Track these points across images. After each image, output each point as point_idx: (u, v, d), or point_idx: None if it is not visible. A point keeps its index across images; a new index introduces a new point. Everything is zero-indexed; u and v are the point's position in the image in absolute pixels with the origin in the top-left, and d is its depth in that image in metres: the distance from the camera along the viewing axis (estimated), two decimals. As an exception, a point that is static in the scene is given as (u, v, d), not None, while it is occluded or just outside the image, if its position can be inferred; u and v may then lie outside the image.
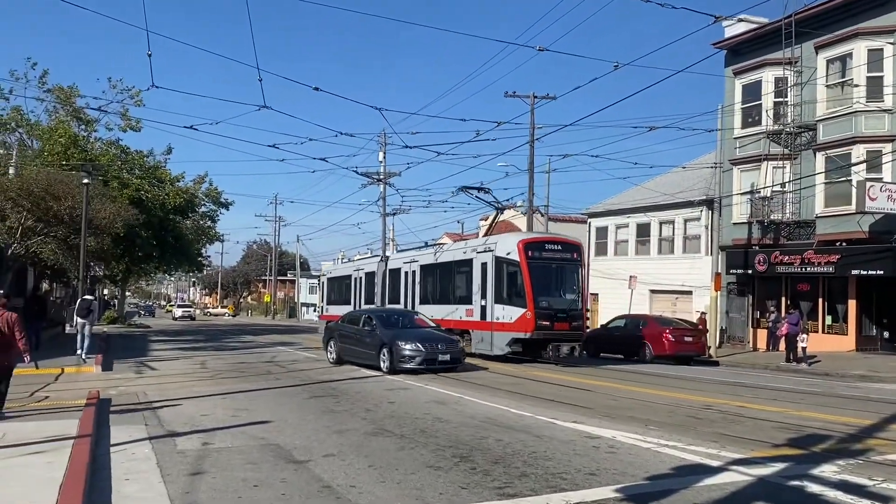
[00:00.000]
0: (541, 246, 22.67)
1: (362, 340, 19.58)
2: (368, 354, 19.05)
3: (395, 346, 17.95)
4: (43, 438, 8.70)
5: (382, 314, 21.14)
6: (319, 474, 7.45)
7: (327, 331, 22.27)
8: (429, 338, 18.72)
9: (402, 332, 18.87)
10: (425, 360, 17.87)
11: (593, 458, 8.30)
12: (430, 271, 27.62)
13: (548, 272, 22.55)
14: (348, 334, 20.59)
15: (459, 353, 18.91)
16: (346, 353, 20.42)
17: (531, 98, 36.25)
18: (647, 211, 37.50)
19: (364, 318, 20.61)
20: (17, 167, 25.64)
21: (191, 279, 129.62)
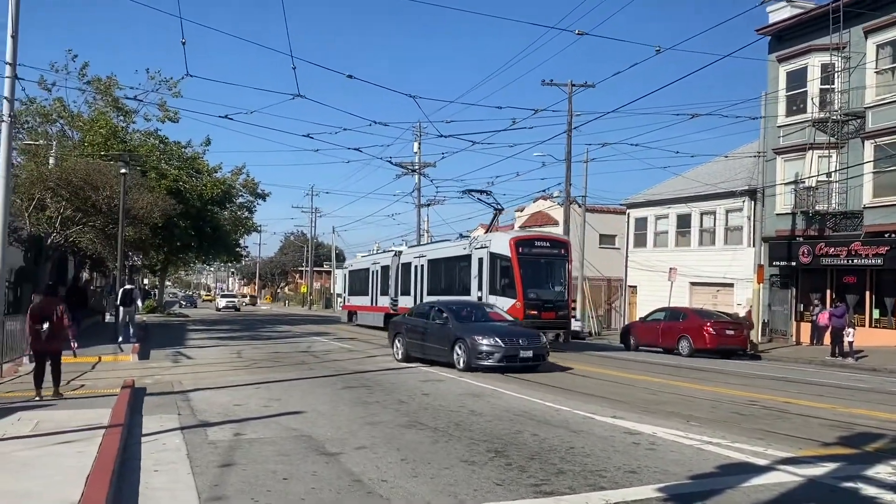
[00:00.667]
0: (531, 243, 24.90)
1: (432, 335, 17.86)
2: (439, 350, 17.39)
3: (471, 342, 16.26)
4: (75, 427, 8.67)
5: (454, 306, 19.32)
6: (350, 467, 7.27)
7: (393, 325, 20.33)
8: (508, 332, 16.89)
9: (477, 326, 17.26)
10: (505, 356, 16.04)
11: (633, 455, 8.00)
12: (436, 266, 30.01)
13: (537, 267, 24.54)
14: (416, 329, 18.69)
15: (543, 349, 16.90)
16: (415, 350, 18.52)
17: (569, 86, 35.76)
18: (688, 201, 36.75)
19: (434, 310, 18.77)
20: (57, 158, 25.91)
21: (229, 269, 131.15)
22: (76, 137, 30.30)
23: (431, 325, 18.11)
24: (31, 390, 12.35)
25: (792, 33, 30.46)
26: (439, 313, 18.18)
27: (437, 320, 18.02)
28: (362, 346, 25.06)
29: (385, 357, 20.21)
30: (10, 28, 14.52)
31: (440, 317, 17.97)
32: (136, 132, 35.81)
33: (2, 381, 14.26)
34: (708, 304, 33.79)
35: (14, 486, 5.96)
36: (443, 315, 17.92)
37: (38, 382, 11.78)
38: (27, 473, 6.39)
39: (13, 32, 14.55)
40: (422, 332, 18.33)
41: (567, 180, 36.38)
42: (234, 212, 49.12)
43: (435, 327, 17.89)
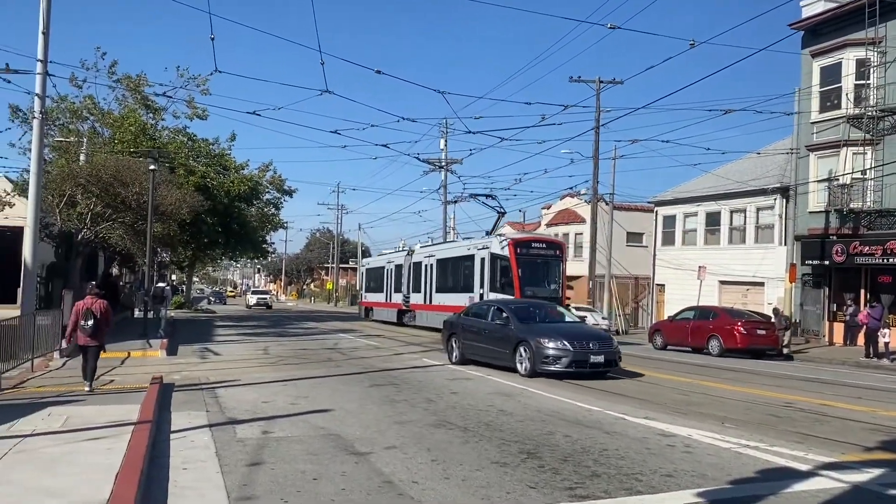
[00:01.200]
0: (528, 244, 26.94)
1: (492, 337, 16.51)
2: (500, 354, 16.03)
3: (536, 345, 14.85)
4: (104, 423, 8.64)
5: (516, 305, 18.01)
6: (380, 468, 7.15)
7: (447, 326, 18.80)
8: (577, 334, 15.52)
9: (541, 327, 15.89)
10: (574, 361, 14.62)
11: (669, 458, 7.79)
12: (443, 265, 31.94)
13: (533, 266, 26.45)
14: (473, 329, 17.33)
15: (615, 354, 15.41)
16: (471, 352, 17.20)
17: (597, 83, 35.43)
18: (718, 199, 36.23)
19: (493, 309, 17.37)
20: (87, 155, 26.14)
21: (255, 266, 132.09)
22: (106, 134, 30.55)
23: (490, 326, 16.78)
24: (62, 385, 12.48)
25: (826, 28, 29.86)
26: (499, 313, 16.87)
27: (496, 320, 16.69)
28: (389, 343, 25.00)
29: (412, 355, 20.15)
30: (42, 24, 14.59)
31: (500, 316, 16.63)
32: (165, 129, 36.08)
33: (32, 375, 14.35)
34: (738, 303, 33.31)
35: (42, 483, 5.92)
36: (503, 315, 16.56)
37: (84, 373, 12.45)
38: (56, 470, 6.35)
39: (44, 29, 14.63)
40: (480, 333, 16.99)
41: (594, 178, 36.06)
42: (260, 208, 49.36)
43: (494, 328, 16.56)
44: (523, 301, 20.63)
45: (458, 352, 17.65)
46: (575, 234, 48.08)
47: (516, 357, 15.37)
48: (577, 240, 47.66)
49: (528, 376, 14.76)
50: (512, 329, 15.88)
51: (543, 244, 27.62)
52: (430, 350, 21.86)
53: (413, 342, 25.24)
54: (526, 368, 15.03)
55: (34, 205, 17.69)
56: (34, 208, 17.69)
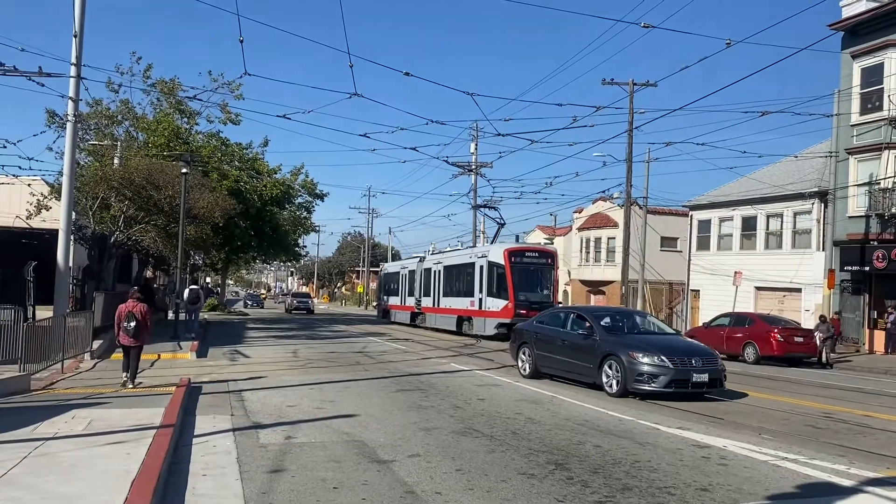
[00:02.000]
0: (521, 253, 29.24)
1: (572, 348, 14.68)
2: (582, 368, 14.22)
3: (628, 360, 12.98)
4: (127, 427, 8.58)
5: (601, 313, 15.91)
6: (403, 477, 6.96)
7: (517, 334, 17.11)
8: (676, 348, 13.49)
9: (633, 339, 13.98)
10: (673, 380, 12.66)
11: (703, 471, 7.49)
12: (449, 271, 34.25)
13: (527, 273, 28.82)
14: (549, 339, 15.53)
15: (720, 372, 13.31)
16: (546, 364, 15.44)
17: (630, 85, 34.94)
18: (754, 203, 35.50)
19: (573, 317, 15.55)
20: (122, 158, 26.40)
21: (288, 269, 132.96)
22: (141, 138, 30.87)
23: (570, 336, 14.94)
24: (91, 387, 12.53)
25: (867, 28, 29.12)
26: (580, 321, 15.06)
27: (577, 329, 14.87)
28: (417, 347, 24.83)
29: (440, 359, 19.94)
30: (75, 26, 14.69)
31: (582, 326, 14.83)
32: (199, 134, 36.36)
33: (63, 376, 14.42)
34: (774, 309, 32.62)
35: (57, 489, 5.82)
36: (585, 324, 14.75)
37: (125, 368, 13.38)
38: (73, 476, 6.25)
39: (76, 31, 14.72)
40: (557, 343, 15.17)
41: (628, 181, 35.55)
42: (292, 212, 49.58)
43: (575, 339, 14.70)
44: (608, 308, 19.30)
45: (530, 364, 15.85)
46: (607, 239, 47.55)
47: (602, 373, 13.49)
48: (610, 244, 47.13)
49: (616, 396, 12.94)
50: (597, 340, 14.02)
51: (536, 253, 30.03)
52: (458, 355, 21.65)
53: (441, 346, 25.05)
54: (614, 387, 13.11)
55: (67, 207, 17.84)
56: (67, 210, 17.84)
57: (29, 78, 15.06)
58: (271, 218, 44.60)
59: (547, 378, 15.41)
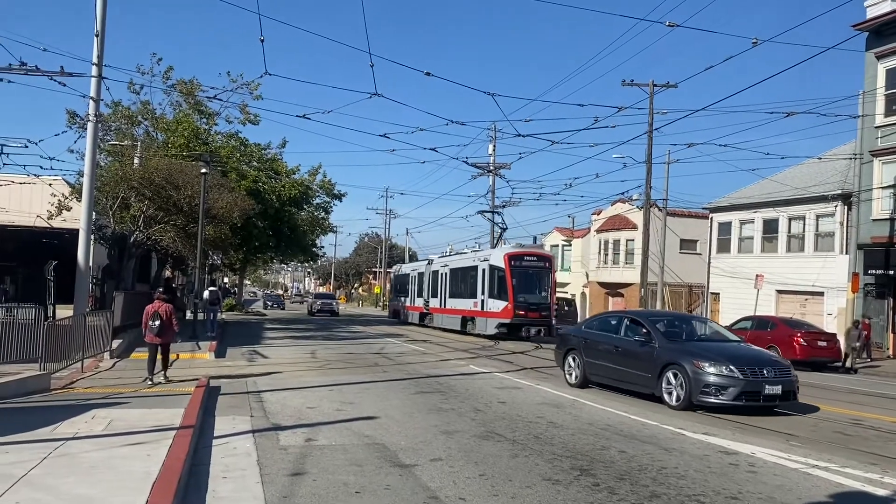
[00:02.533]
0: (521, 257, 30.80)
1: (626, 355, 13.57)
2: (638, 377, 13.16)
3: (692, 369, 11.94)
4: (147, 428, 8.52)
5: (657, 317, 14.82)
6: (426, 482, 6.84)
7: (563, 340, 16.07)
8: (745, 357, 12.41)
9: (696, 346, 12.90)
10: (744, 392, 11.65)
11: (732, 479, 7.32)
12: (454, 274, 35.97)
13: (526, 276, 30.43)
14: (600, 346, 14.45)
15: (794, 384, 12.25)
16: (596, 373, 14.40)
17: (650, 86, 34.68)
18: (776, 206, 35.10)
19: (626, 322, 14.34)
20: (142, 158, 26.50)
21: (305, 269, 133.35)
22: (160, 139, 30.98)
23: (624, 343, 13.85)
24: (110, 386, 12.54)
25: (892, 28, 28.67)
26: (635, 326, 13.92)
27: (633, 336, 13.75)
28: (435, 348, 24.72)
29: (458, 361, 19.80)
30: (97, 25, 14.70)
31: (638, 332, 13.70)
32: (218, 134, 36.44)
33: (82, 376, 14.43)
34: (796, 313, 32.22)
35: (77, 490, 5.75)
36: (641, 329, 13.64)
37: (150, 368, 13.93)
38: (93, 477, 6.18)
39: (98, 30, 14.73)
40: (609, 350, 14.11)
41: (647, 183, 35.27)
42: (310, 212, 49.59)
43: (630, 345, 13.60)
44: (663, 312, 17.99)
45: (578, 372, 14.81)
46: (626, 241, 47.21)
47: (662, 383, 12.47)
48: (629, 246, 46.78)
49: (679, 408, 11.99)
50: (656, 347, 12.93)
51: (535, 257, 31.54)
52: (477, 357, 21.51)
53: (460, 348, 24.92)
54: (677, 399, 12.15)
55: (87, 206, 17.89)
56: (87, 210, 17.90)
57: (51, 78, 15.11)
58: (289, 218, 44.62)
59: (598, 387, 14.50)
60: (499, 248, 33.92)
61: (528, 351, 25.00)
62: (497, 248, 34.24)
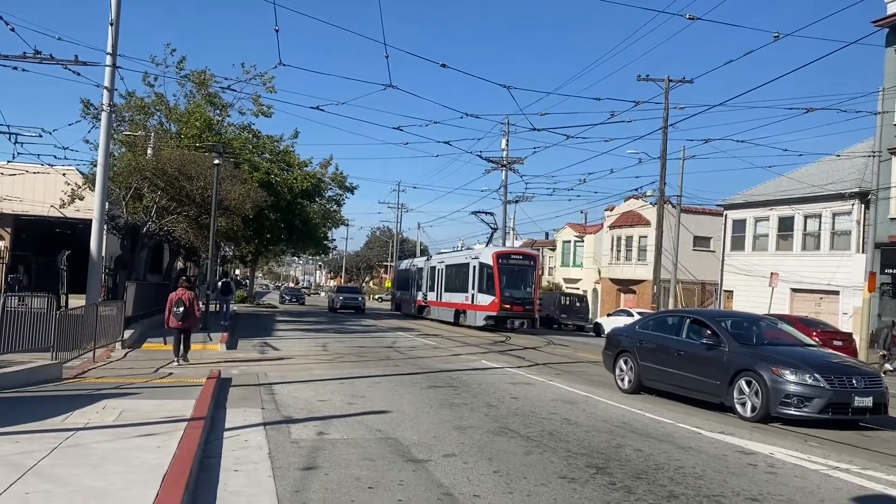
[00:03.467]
0: (508, 256, 33.66)
1: (690, 360, 12.36)
2: (703, 384, 11.93)
3: (770, 377, 10.80)
4: (158, 419, 8.45)
5: (723, 318, 13.37)
6: (440, 478, 6.73)
7: (612, 342, 15.03)
8: (828, 365, 11.24)
9: (773, 351, 11.69)
10: (830, 404, 10.50)
11: (752, 479, 7.18)
12: (450, 270, 38.45)
13: (512, 273, 32.78)
14: (658, 348, 13.24)
15: (885, 395, 11.10)
16: (653, 378, 13.17)
17: (665, 81, 34.42)
18: (791, 203, 34.79)
19: (688, 322, 13.08)
20: (154, 149, 26.49)
21: (316, 262, 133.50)
22: (173, 129, 30.96)
23: (687, 346, 12.62)
24: (122, 377, 12.54)
25: (914, 24, 28.32)
26: (699, 328, 12.69)
27: (698, 338, 12.49)
28: (446, 343, 24.62)
29: (470, 356, 19.69)
30: (111, 14, 14.63)
31: (702, 333, 12.45)
32: (231, 126, 36.40)
33: (94, 365, 14.40)
34: (810, 312, 31.96)
35: (87, 482, 5.67)
36: (706, 331, 12.39)
37: (175, 351, 15.63)
38: (104, 469, 6.10)
39: (112, 19, 14.67)
40: (669, 354, 12.89)
41: (661, 179, 35.04)
42: (322, 205, 49.56)
43: (695, 349, 12.37)
44: (728, 312, 16.80)
45: (632, 377, 13.64)
46: (639, 237, 46.94)
47: (734, 392, 11.32)
48: (642, 243, 46.51)
49: (755, 420, 10.85)
50: (725, 352, 11.75)
51: (520, 255, 34.72)
52: (489, 352, 21.40)
53: (471, 342, 24.82)
54: (752, 409, 10.99)
55: (100, 196, 17.87)
56: (100, 200, 17.87)
57: (65, 67, 15.04)
58: (301, 211, 44.59)
59: (654, 393, 13.28)
60: (489, 247, 36.45)
61: (539, 347, 24.87)
62: (488, 247, 36.91)
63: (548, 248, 62.59)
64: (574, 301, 44.09)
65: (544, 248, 62.94)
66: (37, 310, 14.29)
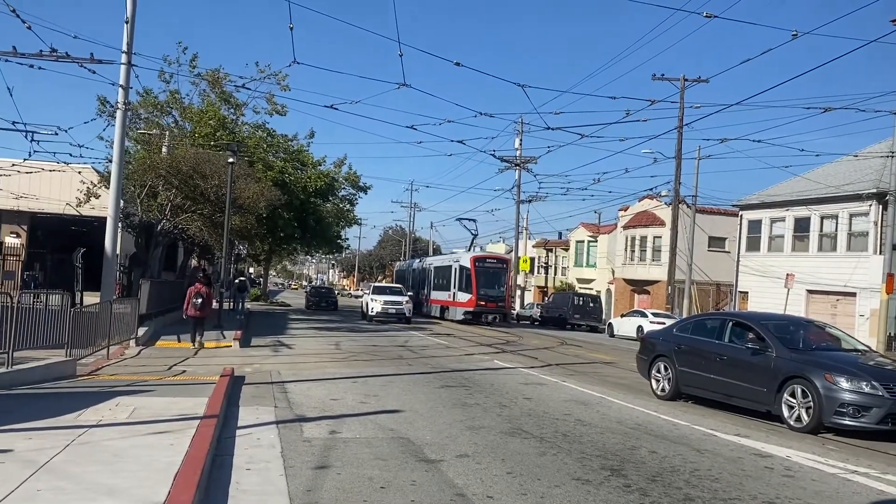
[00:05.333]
0: (484, 260, 39.20)
1: (734, 365, 11.68)
2: (749, 391, 11.31)
3: (823, 384, 10.12)
4: (171, 417, 8.45)
5: (768, 321, 12.52)
6: (452, 478, 6.68)
7: (647, 347, 14.21)
8: (885, 372, 10.63)
9: (826, 357, 11.05)
10: (890, 414, 9.84)
11: (769, 483, 7.08)
12: (438, 270, 43.56)
13: (487, 275, 37.72)
14: (698, 352, 12.53)
15: None
16: (692, 384, 12.49)
17: (681, 81, 34.27)
18: (808, 204, 34.47)
19: (731, 326, 12.44)
20: (169, 147, 26.58)
21: (329, 261, 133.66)
22: (188, 128, 31.06)
23: (730, 350, 11.94)
24: (135, 374, 12.58)
25: (933, 23, 27.94)
26: (742, 332, 12.06)
27: (743, 343, 11.78)
28: (459, 342, 24.56)
29: (482, 356, 19.63)
30: (127, 12, 14.67)
31: (747, 337, 11.79)
32: (245, 124, 36.49)
33: (108, 362, 14.46)
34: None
35: (99, 479, 5.66)
36: (750, 335, 11.73)
37: (193, 336, 18.58)
38: (116, 466, 6.10)
39: (128, 17, 14.70)
40: (710, 359, 12.20)
41: (676, 179, 34.88)
42: (336, 204, 49.63)
43: (739, 354, 11.69)
44: (773, 315, 15.94)
45: (670, 382, 12.92)
46: (653, 238, 46.67)
47: (782, 399, 10.68)
48: (656, 243, 46.24)
49: (805, 431, 10.17)
50: (772, 357, 11.08)
51: (495, 259, 40.52)
52: (501, 352, 21.33)
53: (483, 342, 24.75)
54: (804, 418, 10.31)
55: (115, 194, 17.94)
56: (115, 198, 17.95)
57: (81, 65, 15.12)
58: (315, 210, 44.66)
59: (692, 400, 12.74)
60: (468, 252, 42.04)
61: (552, 347, 24.78)
62: (468, 252, 42.09)
63: (561, 248, 62.38)
64: (587, 301, 43.92)
65: (557, 247, 62.75)
66: (52, 307, 14.36)
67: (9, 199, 29.72)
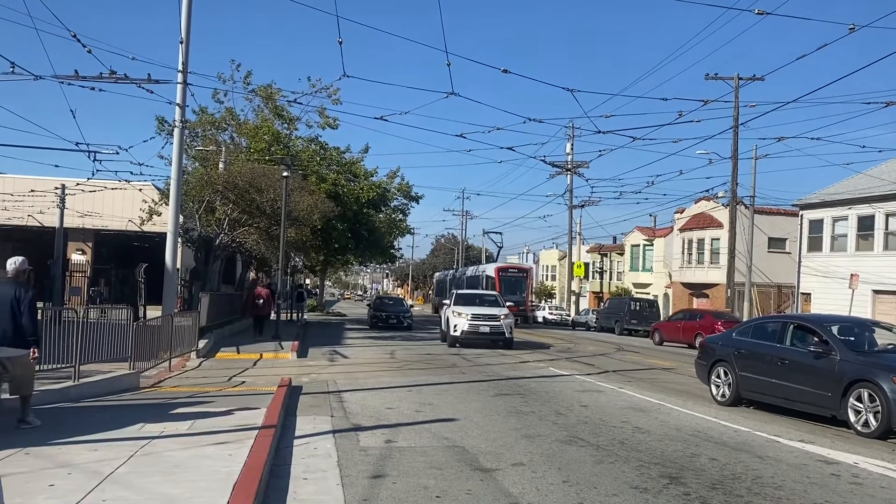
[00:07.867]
0: (506, 270, 46.71)
1: (795, 369, 11.38)
2: (812, 395, 11.01)
3: (891, 388, 9.71)
4: (230, 427, 8.61)
5: (831, 323, 12.25)
6: (508, 488, 6.65)
7: (706, 351, 13.89)
8: None
9: (890, 359, 10.51)
10: None
11: (835, 491, 6.86)
12: (470, 279, 50.58)
13: (509, 283, 44.27)
14: (758, 356, 12.27)
15: None
16: (753, 388, 12.24)
17: (735, 79, 33.61)
18: (872, 202, 33.40)
19: (792, 328, 12.14)
20: (226, 163, 27.19)
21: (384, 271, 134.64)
22: (243, 144, 31.72)
23: (791, 353, 11.64)
24: (196, 386, 12.87)
25: None
26: (803, 334, 11.79)
27: (803, 345, 11.53)
28: (514, 350, 24.45)
29: (538, 363, 19.51)
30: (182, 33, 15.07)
31: (809, 340, 11.50)
32: (298, 138, 37.11)
33: (170, 375, 14.82)
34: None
35: (161, 489, 5.80)
36: (813, 338, 11.43)
37: (254, 333, 23.90)
38: (177, 476, 6.24)
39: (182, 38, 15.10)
40: (771, 362, 11.90)
41: (733, 180, 34.21)
42: (388, 214, 49.99)
43: (801, 357, 11.38)
44: (834, 317, 15.58)
45: (730, 387, 12.68)
46: (711, 240, 45.80)
47: (848, 404, 10.32)
48: (714, 245, 45.37)
49: (874, 436, 9.84)
50: (836, 360, 10.73)
51: (516, 269, 48.16)
52: (557, 359, 21.17)
53: (539, 349, 24.58)
54: (870, 424, 9.95)
55: (174, 210, 18.40)
56: (174, 213, 18.41)
57: (139, 85, 15.57)
58: (368, 220, 45.05)
59: (753, 405, 12.52)
60: (494, 263, 50.12)
61: (609, 353, 24.49)
62: (494, 263, 50.05)
63: (616, 253, 61.68)
64: (644, 306, 43.26)
65: (612, 252, 62.06)
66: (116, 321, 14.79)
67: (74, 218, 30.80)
